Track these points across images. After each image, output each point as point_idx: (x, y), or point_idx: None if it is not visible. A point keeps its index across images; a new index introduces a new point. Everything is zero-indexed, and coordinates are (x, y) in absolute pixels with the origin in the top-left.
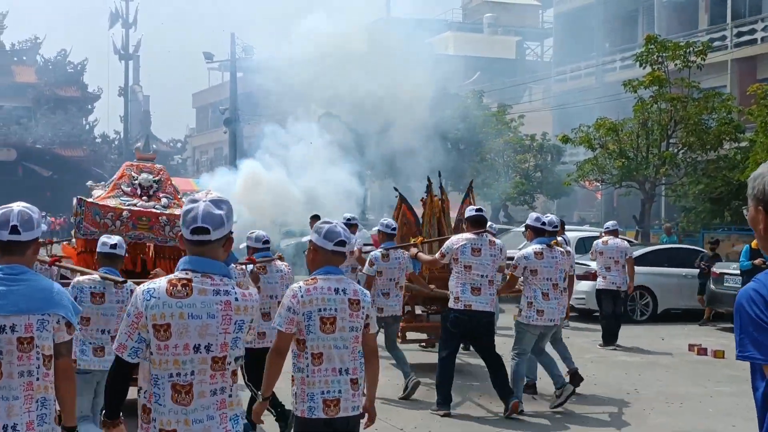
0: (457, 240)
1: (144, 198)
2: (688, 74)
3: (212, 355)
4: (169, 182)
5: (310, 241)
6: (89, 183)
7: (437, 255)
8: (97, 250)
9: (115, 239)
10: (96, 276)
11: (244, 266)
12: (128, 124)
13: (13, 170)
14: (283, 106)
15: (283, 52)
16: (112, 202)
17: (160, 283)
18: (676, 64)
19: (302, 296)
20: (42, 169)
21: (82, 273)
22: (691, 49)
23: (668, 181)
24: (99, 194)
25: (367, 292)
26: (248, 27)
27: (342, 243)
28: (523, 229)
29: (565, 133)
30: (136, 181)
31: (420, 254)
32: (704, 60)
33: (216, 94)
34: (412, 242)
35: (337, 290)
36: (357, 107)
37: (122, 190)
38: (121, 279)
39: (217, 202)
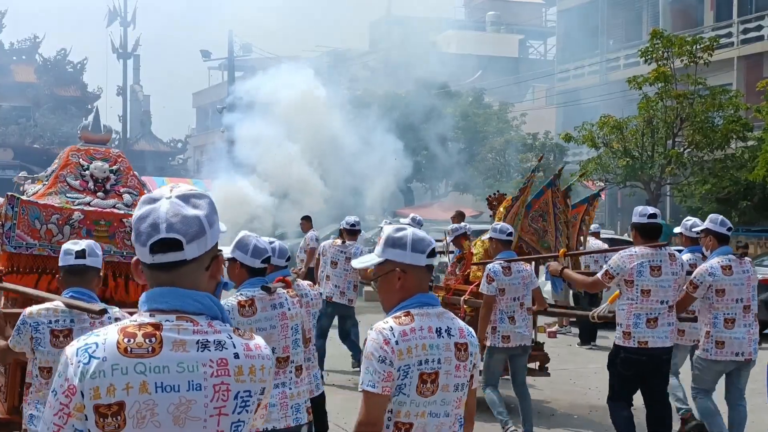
0: (629, 257)
1: (99, 194)
2: (695, 71)
3: None
4: (131, 173)
5: (386, 260)
6: (20, 175)
7: (600, 275)
8: (60, 263)
9: (82, 244)
10: (59, 303)
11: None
12: (127, 123)
13: (10, 170)
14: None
15: (281, 51)
16: (55, 200)
17: (107, 334)
18: (682, 60)
19: (397, 342)
20: (41, 169)
21: (37, 299)
22: (698, 45)
23: (674, 180)
24: (36, 190)
25: (472, 329)
26: (247, 25)
27: (433, 253)
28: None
29: (569, 131)
30: (87, 171)
31: (568, 272)
32: (711, 56)
33: (216, 94)
34: (549, 254)
35: (440, 331)
36: (355, 105)
37: (68, 184)
38: (98, 306)
39: (190, 198)
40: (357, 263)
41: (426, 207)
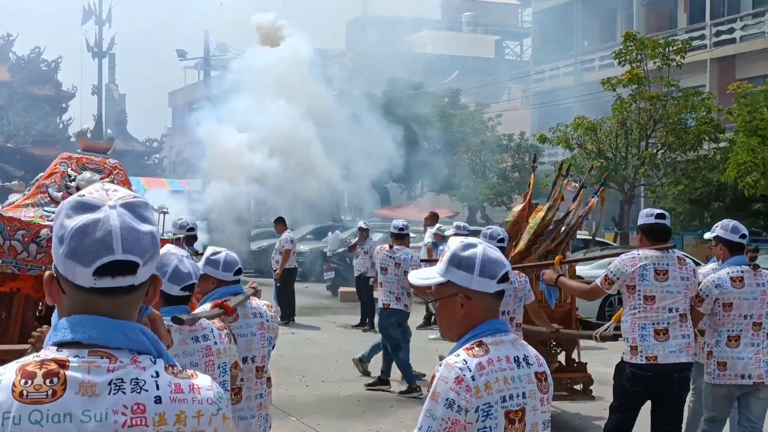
0: (630, 260)
1: None
2: (668, 73)
3: None
4: (126, 187)
5: (448, 282)
6: (13, 183)
7: (599, 281)
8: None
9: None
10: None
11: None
12: (102, 123)
13: None
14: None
15: (257, 50)
16: (30, 213)
17: (4, 373)
18: (655, 62)
19: (473, 377)
20: (14, 168)
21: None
22: (670, 47)
23: (647, 181)
24: (14, 200)
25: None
26: (223, 25)
27: (506, 278)
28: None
29: (543, 132)
30: (73, 183)
31: (564, 280)
32: (684, 58)
33: (192, 93)
34: (543, 262)
35: (518, 360)
36: (332, 104)
37: (49, 196)
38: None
39: (136, 208)
40: (415, 278)
41: (402, 207)
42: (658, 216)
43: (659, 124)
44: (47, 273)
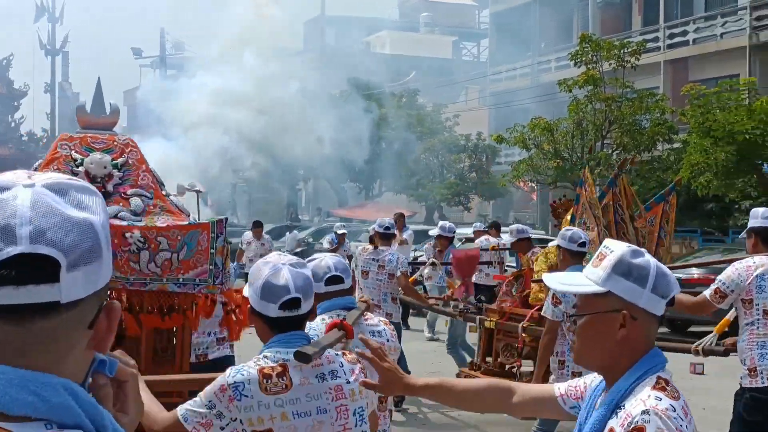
0: (745, 269)
1: None
2: (623, 74)
3: None
4: (143, 168)
5: (609, 293)
6: None
7: (708, 292)
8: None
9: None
10: None
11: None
12: (56, 121)
13: None
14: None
15: (212, 49)
16: None
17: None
18: (610, 64)
19: (687, 428)
20: None
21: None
22: (625, 49)
23: (603, 182)
24: None
25: None
26: (179, 23)
27: (674, 301)
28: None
29: (500, 133)
30: (81, 168)
31: None
32: (638, 60)
33: (148, 92)
34: None
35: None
36: (287, 105)
37: None
38: None
39: (70, 190)
40: (557, 283)
41: (360, 207)
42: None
43: (614, 125)
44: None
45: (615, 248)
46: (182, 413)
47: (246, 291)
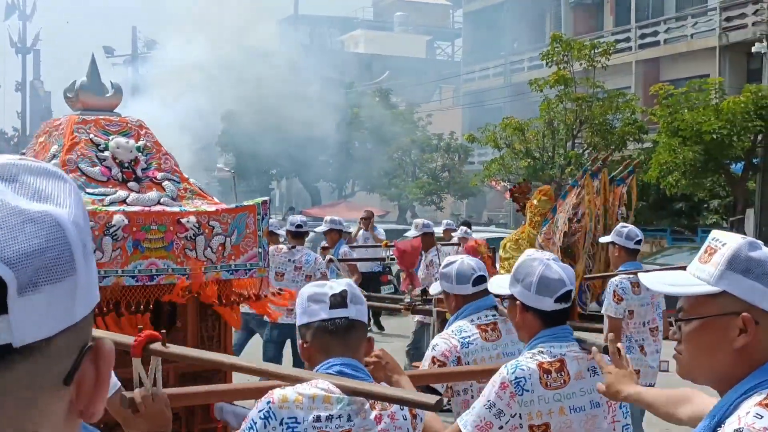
0: None
1: (130, 184)
2: (593, 74)
3: None
4: (162, 150)
5: (724, 293)
6: None
7: None
8: (305, 319)
9: (337, 285)
10: (328, 385)
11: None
12: (27, 120)
13: None
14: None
15: (187, 48)
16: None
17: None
18: (581, 64)
19: None
20: None
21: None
22: (596, 49)
23: (571, 182)
24: None
25: None
26: (151, 21)
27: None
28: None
29: (472, 132)
30: (107, 152)
31: None
32: (608, 60)
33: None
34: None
35: None
36: (262, 104)
37: (84, 173)
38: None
39: (21, 174)
40: (661, 284)
41: (333, 206)
42: None
43: (585, 124)
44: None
45: (728, 240)
46: (462, 422)
47: (503, 288)
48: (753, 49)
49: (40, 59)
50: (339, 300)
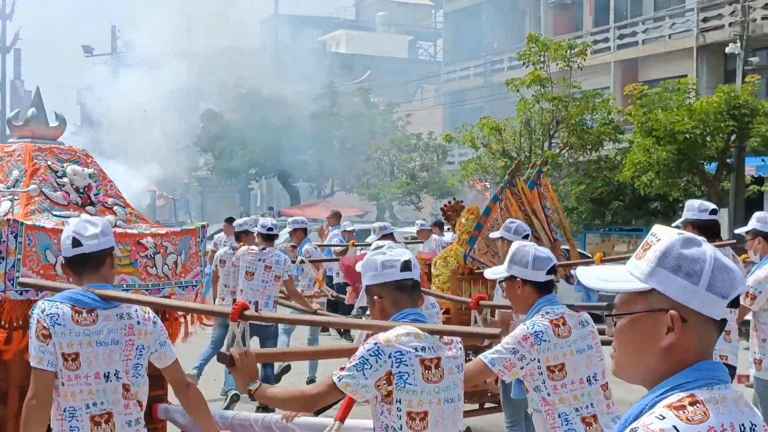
0: None
1: (88, 208)
2: (569, 74)
3: None
4: (107, 178)
5: (654, 291)
6: None
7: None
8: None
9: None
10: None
11: None
12: (4, 119)
13: None
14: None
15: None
16: (48, 223)
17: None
18: (557, 64)
19: None
20: None
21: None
22: (572, 49)
23: (550, 181)
24: (6, 210)
25: None
26: (132, 20)
27: (736, 302)
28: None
29: (450, 132)
30: (65, 179)
31: None
32: (585, 60)
33: (101, 91)
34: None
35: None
36: (241, 104)
37: (47, 198)
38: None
39: None
40: (595, 280)
41: (312, 206)
42: (712, 212)
43: (561, 125)
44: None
45: (663, 236)
46: (489, 360)
47: (498, 271)
48: (727, 50)
49: (21, 58)
50: (407, 265)
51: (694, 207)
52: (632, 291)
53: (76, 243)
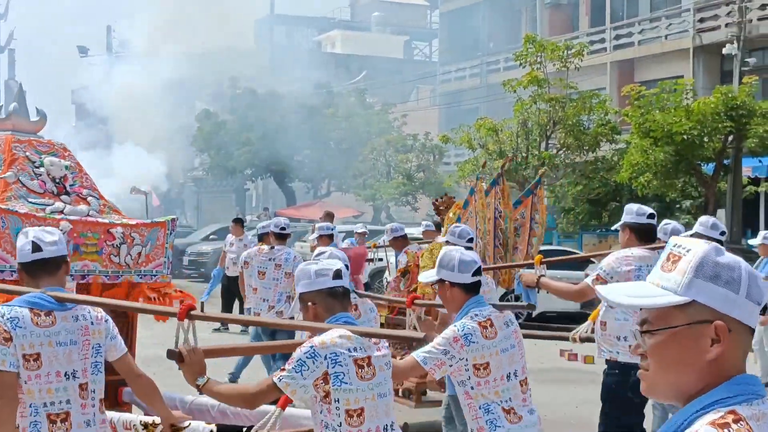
0: (625, 258)
1: (63, 197)
2: (566, 75)
3: None
4: (83, 171)
5: (695, 303)
6: None
7: (590, 281)
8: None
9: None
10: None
11: None
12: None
13: None
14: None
15: (162, 47)
16: (22, 208)
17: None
18: (554, 65)
19: None
20: None
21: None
22: (569, 50)
23: (548, 182)
24: None
25: None
26: (127, 22)
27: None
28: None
29: (447, 133)
30: (42, 169)
31: (546, 281)
32: (582, 61)
33: (96, 90)
34: (522, 263)
35: None
36: (236, 104)
37: (24, 186)
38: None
39: None
40: (625, 297)
41: (308, 207)
42: (650, 216)
43: (558, 125)
44: None
45: (692, 246)
46: (421, 358)
47: (429, 276)
48: (723, 51)
49: (15, 58)
50: (338, 273)
51: (633, 210)
52: (669, 304)
53: (36, 248)
